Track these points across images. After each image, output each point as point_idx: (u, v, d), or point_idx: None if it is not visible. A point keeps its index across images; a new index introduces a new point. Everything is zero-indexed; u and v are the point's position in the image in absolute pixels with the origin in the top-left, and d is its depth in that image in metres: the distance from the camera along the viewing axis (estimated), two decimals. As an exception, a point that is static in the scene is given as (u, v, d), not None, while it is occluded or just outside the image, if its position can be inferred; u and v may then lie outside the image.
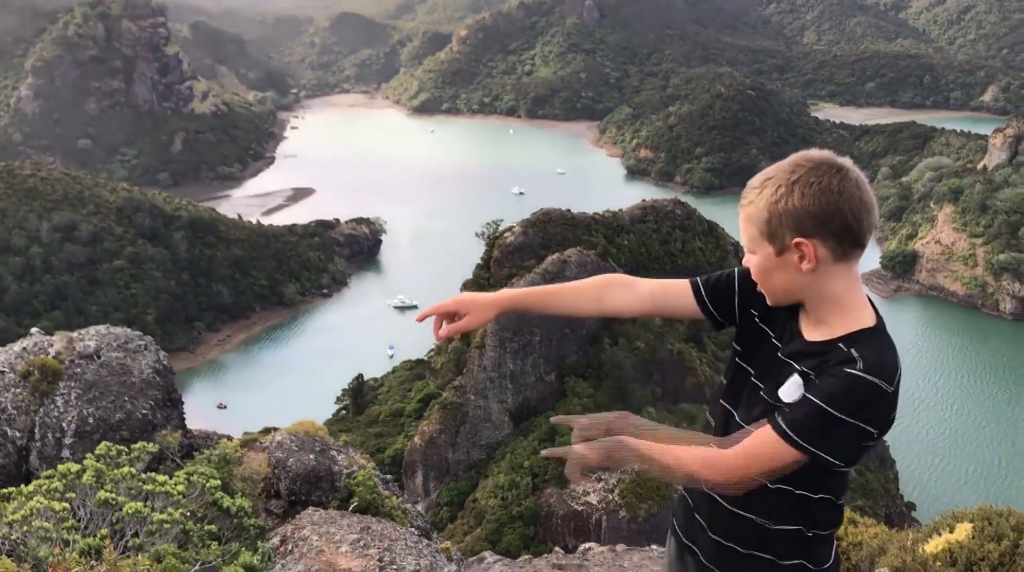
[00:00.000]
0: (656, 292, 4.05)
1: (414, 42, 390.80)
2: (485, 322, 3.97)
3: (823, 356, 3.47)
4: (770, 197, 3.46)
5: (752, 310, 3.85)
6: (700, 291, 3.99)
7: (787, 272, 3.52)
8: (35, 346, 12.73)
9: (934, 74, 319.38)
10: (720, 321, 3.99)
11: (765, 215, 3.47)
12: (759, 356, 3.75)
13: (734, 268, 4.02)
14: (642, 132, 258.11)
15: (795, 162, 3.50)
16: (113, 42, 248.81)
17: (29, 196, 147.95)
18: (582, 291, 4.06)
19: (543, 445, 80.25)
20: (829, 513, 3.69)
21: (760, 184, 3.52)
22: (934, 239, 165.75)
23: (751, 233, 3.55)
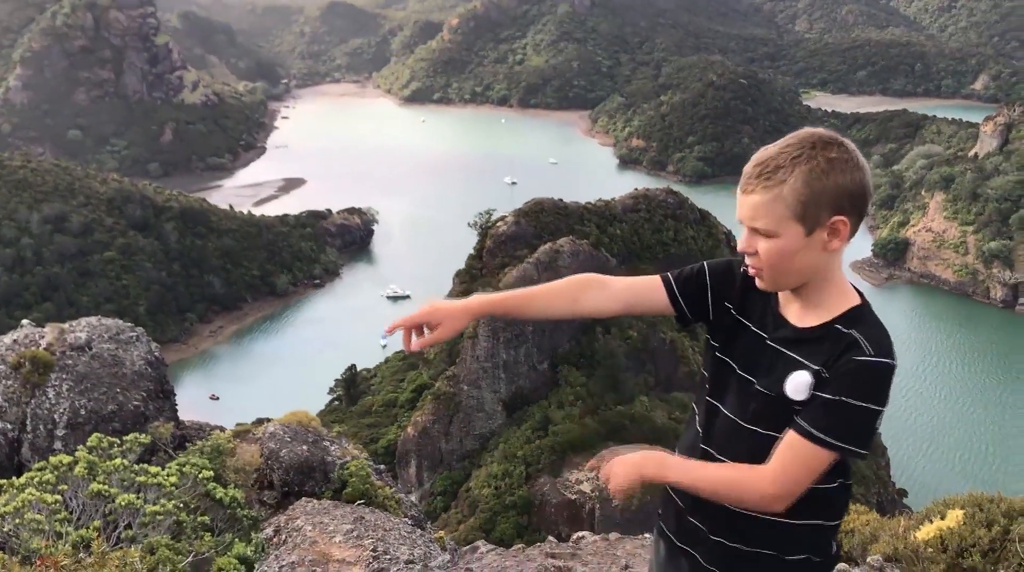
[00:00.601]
0: (628, 290, 3.98)
1: (405, 31, 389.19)
2: (458, 331, 3.80)
3: (822, 342, 3.48)
4: (807, 175, 3.36)
5: (726, 303, 3.81)
6: (672, 287, 3.92)
7: (810, 253, 3.45)
8: (26, 338, 12.68)
9: (925, 62, 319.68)
10: (688, 317, 3.92)
11: (804, 193, 3.35)
12: (742, 349, 3.70)
13: (703, 262, 3.95)
14: (634, 121, 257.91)
15: (817, 138, 3.43)
16: (102, 32, 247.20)
17: (19, 187, 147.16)
18: (556, 294, 3.95)
19: (536, 435, 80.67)
20: (845, 498, 3.72)
21: (787, 162, 3.38)
22: (925, 227, 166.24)
23: (778, 213, 3.39)
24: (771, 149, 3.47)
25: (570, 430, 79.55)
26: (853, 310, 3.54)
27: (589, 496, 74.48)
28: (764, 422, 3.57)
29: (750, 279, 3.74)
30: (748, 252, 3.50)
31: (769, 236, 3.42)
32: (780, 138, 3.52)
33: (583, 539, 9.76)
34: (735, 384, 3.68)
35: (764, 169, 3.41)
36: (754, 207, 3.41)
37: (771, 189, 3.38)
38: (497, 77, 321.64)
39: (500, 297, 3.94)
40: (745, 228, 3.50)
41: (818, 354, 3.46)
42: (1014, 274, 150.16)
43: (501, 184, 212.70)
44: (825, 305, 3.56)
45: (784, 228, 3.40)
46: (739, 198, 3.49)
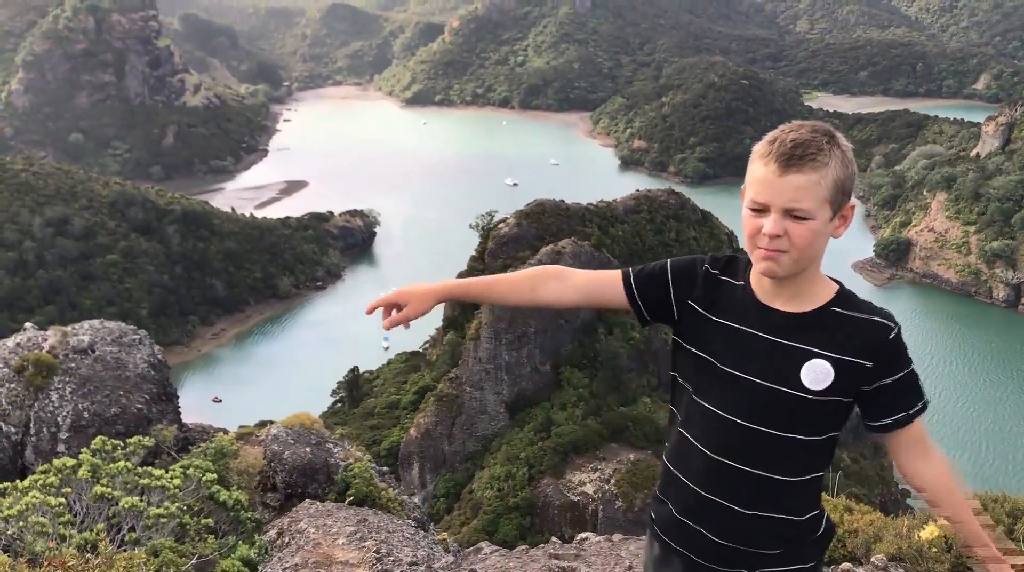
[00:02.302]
0: (588, 284, 4.04)
1: (406, 33, 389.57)
2: (425, 311, 4.05)
3: (825, 327, 3.55)
4: (841, 160, 3.47)
5: (690, 302, 3.82)
6: (630, 284, 3.95)
7: (825, 238, 3.54)
8: (29, 341, 12.70)
9: (927, 62, 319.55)
10: (647, 317, 3.94)
11: (840, 178, 3.47)
12: (725, 347, 3.68)
13: (667, 260, 3.96)
14: (635, 122, 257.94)
15: (825, 128, 3.53)
16: (104, 35, 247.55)
17: (21, 191, 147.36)
18: (517, 282, 4.12)
19: (539, 436, 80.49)
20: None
21: (825, 146, 3.45)
22: (927, 227, 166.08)
23: (819, 196, 3.43)
24: (801, 133, 3.49)
25: (573, 431, 79.52)
26: (841, 293, 3.66)
27: (592, 497, 74.45)
28: (769, 419, 3.57)
29: (712, 276, 3.80)
30: (778, 234, 3.46)
31: (805, 218, 3.44)
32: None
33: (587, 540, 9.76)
34: (725, 383, 3.66)
35: (807, 150, 3.43)
36: (799, 188, 3.41)
37: (817, 170, 3.42)
38: (498, 79, 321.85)
39: (463, 282, 4.17)
40: (775, 210, 3.45)
41: (827, 340, 3.53)
42: (1017, 274, 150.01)
43: (502, 185, 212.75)
44: (813, 291, 3.64)
45: (820, 211, 3.45)
46: (770, 179, 3.45)
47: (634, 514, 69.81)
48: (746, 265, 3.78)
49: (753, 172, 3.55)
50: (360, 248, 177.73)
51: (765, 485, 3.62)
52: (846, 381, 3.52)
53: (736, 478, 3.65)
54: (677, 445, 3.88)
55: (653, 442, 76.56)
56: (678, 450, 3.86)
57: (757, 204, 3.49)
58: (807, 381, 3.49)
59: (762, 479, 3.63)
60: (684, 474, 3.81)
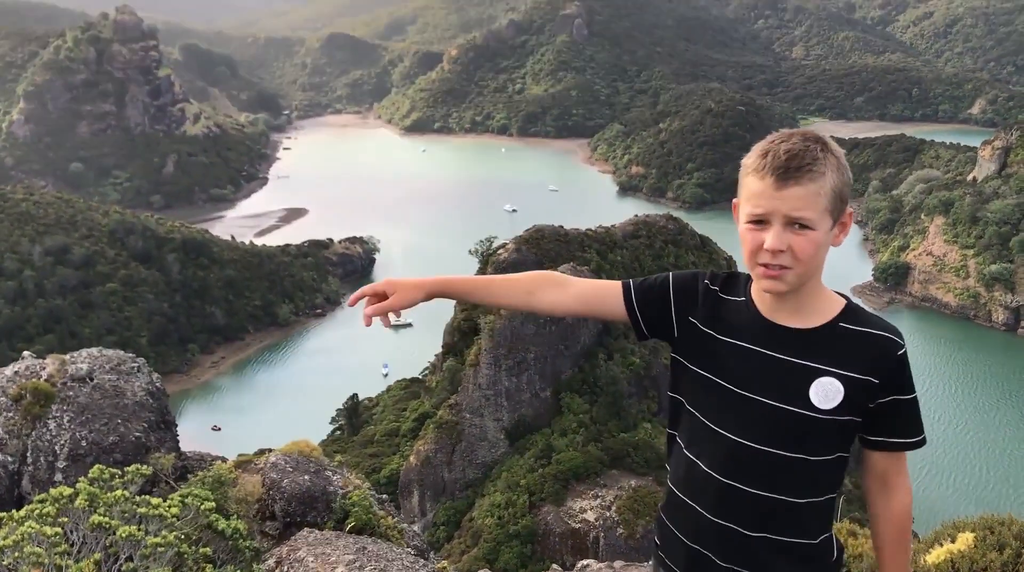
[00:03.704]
0: (587, 292, 3.95)
1: (405, 62, 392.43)
2: (412, 303, 3.92)
3: (833, 343, 3.47)
4: (836, 168, 3.41)
5: (691, 318, 3.73)
6: (630, 295, 3.86)
7: (826, 248, 3.48)
8: (27, 369, 12.65)
9: (922, 87, 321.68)
10: (645, 332, 3.85)
11: (837, 186, 3.40)
12: (732, 366, 3.58)
13: (669, 273, 3.88)
14: (633, 149, 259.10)
15: (815, 136, 3.48)
16: (104, 65, 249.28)
17: (21, 220, 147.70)
18: (514, 284, 4.00)
19: (540, 463, 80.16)
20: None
21: (820, 155, 3.39)
22: (926, 251, 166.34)
23: (820, 206, 3.37)
24: (793, 143, 3.43)
25: (573, 458, 79.14)
26: (848, 307, 3.58)
27: (593, 524, 73.95)
28: (779, 440, 3.48)
29: (713, 293, 3.71)
30: (781, 249, 3.38)
31: (807, 229, 3.37)
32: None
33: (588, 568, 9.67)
34: (732, 404, 3.57)
35: (803, 161, 3.37)
36: (800, 199, 3.35)
37: (815, 180, 3.36)
38: (497, 106, 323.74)
39: (457, 279, 4.06)
40: (776, 222, 3.37)
41: (836, 357, 3.44)
42: (1016, 297, 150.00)
43: (501, 212, 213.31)
44: (819, 306, 3.55)
45: (821, 221, 3.39)
46: (768, 192, 3.38)
47: (636, 541, 69.33)
48: (747, 281, 3.70)
49: (748, 186, 3.49)
50: (359, 275, 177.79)
51: (778, 508, 3.54)
52: (855, 399, 3.44)
53: (748, 502, 3.55)
54: (683, 469, 3.78)
55: (654, 468, 76.17)
56: (684, 474, 3.76)
57: (757, 216, 3.41)
58: (816, 400, 3.41)
59: (775, 502, 3.53)
60: (692, 499, 3.72)
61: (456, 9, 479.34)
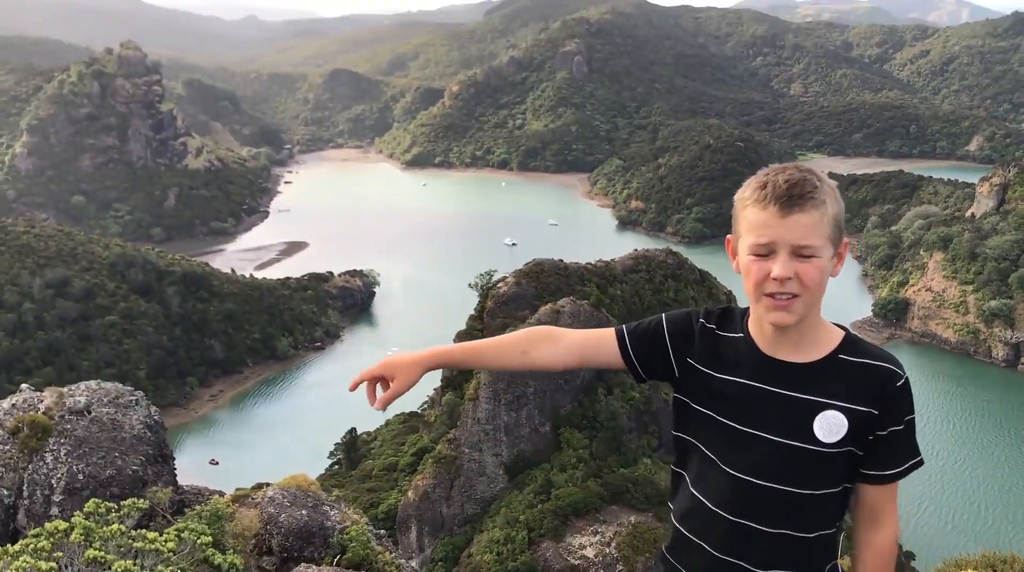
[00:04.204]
0: (581, 344, 3.94)
1: (407, 97, 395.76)
2: (414, 382, 3.92)
3: (834, 376, 3.47)
4: (833, 198, 3.45)
5: (689, 358, 3.72)
6: (624, 341, 3.84)
7: (827, 277, 3.48)
8: (25, 402, 12.63)
9: (920, 124, 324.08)
10: (643, 377, 3.84)
11: (836, 215, 3.44)
12: (733, 403, 3.58)
13: (662, 315, 3.85)
14: (633, 183, 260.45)
15: (806, 168, 3.52)
16: (108, 99, 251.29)
17: (22, 253, 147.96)
18: (507, 346, 3.99)
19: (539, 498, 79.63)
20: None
21: (819, 184, 3.44)
22: (925, 287, 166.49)
23: (823, 233, 3.39)
24: (791, 173, 3.46)
25: (572, 493, 78.58)
26: (848, 338, 3.59)
27: (593, 561, 73.26)
28: (786, 476, 3.47)
29: (709, 331, 3.71)
30: (788, 276, 3.39)
31: (812, 257, 3.39)
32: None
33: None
34: (738, 442, 3.56)
35: (804, 189, 3.39)
36: (804, 226, 3.36)
37: (817, 208, 3.38)
38: (497, 141, 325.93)
39: (451, 349, 4.03)
40: (783, 251, 3.37)
41: (838, 390, 3.44)
42: (1016, 333, 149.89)
43: (501, 245, 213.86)
44: (819, 338, 3.56)
45: (824, 249, 3.41)
46: (773, 221, 3.38)
47: (636, 578, 68.61)
48: (742, 315, 3.70)
49: (748, 218, 3.48)
50: (359, 308, 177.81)
51: (786, 543, 3.53)
52: (859, 430, 3.44)
53: (757, 539, 3.54)
54: (690, 508, 3.76)
55: (654, 504, 75.63)
56: (691, 513, 3.74)
57: (762, 247, 3.40)
58: (820, 434, 3.41)
59: (783, 537, 3.53)
60: (699, 537, 3.70)
61: (458, 46, 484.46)
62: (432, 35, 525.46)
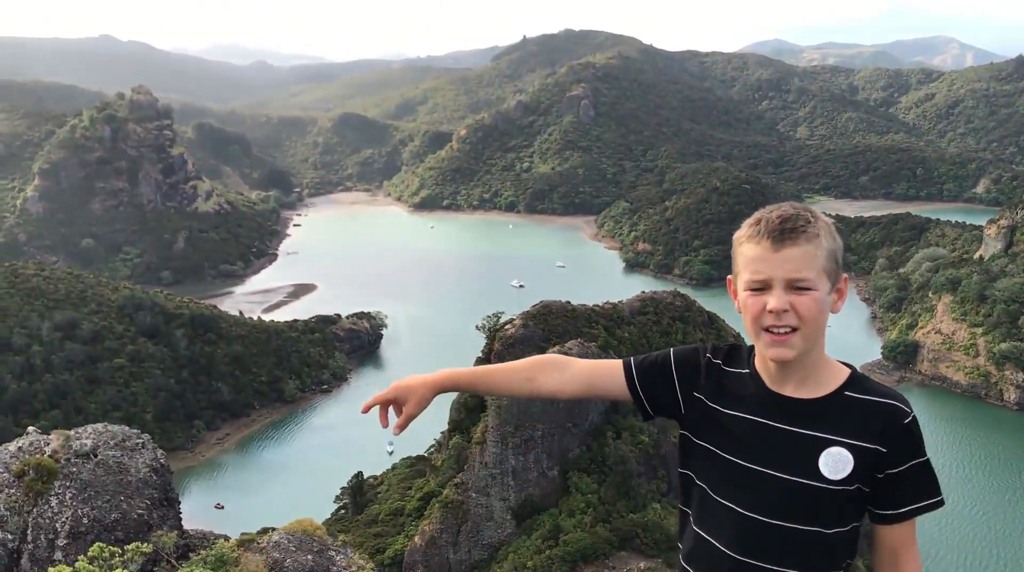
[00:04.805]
0: (588, 373, 3.96)
1: (415, 141, 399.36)
2: (426, 404, 4.03)
3: (840, 413, 3.45)
4: (828, 232, 3.48)
5: (696, 393, 3.72)
6: (631, 374, 3.86)
7: (827, 312, 3.50)
8: (31, 445, 12.59)
9: (926, 167, 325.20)
10: (650, 412, 3.84)
11: (831, 249, 3.46)
12: (740, 439, 3.56)
13: (670, 349, 3.88)
14: (640, 226, 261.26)
15: (801, 205, 3.57)
16: (119, 144, 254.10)
17: (31, 295, 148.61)
18: (515, 372, 4.05)
19: (547, 544, 78.74)
20: None
21: (812, 219, 3.47)
22: (934, 329, 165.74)
23: (818, 266, 3.42)
24: (784, 209, 3.51)
25: (581, 539, 77.71)
26: (854, 376, 3.57)
27: (602, 608, 72.18)
28: (791, 514, 3.44)
29: (716, 367, 3.72)
30: (784, 309, 3.40)
31: (808, 289, 3.41)
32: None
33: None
34: (742, 478, 3.53)
35: (796, 223, 3.43)
36: (797, 259, 3.39)
37: (810, 241, 3.41)
38: (504, 184, 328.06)
39: (461, 372, 4.16)
40: (777, 284, 3.40)
41: (844, 427, 3.42)
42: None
43: (509, 287, 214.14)
44: (824, 376, 3.55)
45: (820, 282, 3.43)
46: (766, 255, 3.42)
47: (645, 626, 67.56)
48: (749, 352, 3.71)
49: (744, 254, 3.51)
50: (367, 351, 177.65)
51: None
52: (864, 468, 3.42)
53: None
54: (695, 546, 3.72)
55: (664, 550, 74.69)
56: (697, 552, 3.70)
57: (757, 282, 3.44)
58: (826, 470, 3.39)
59: None
60: None
61: (466, 91, 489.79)
62: (441, 80, 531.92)
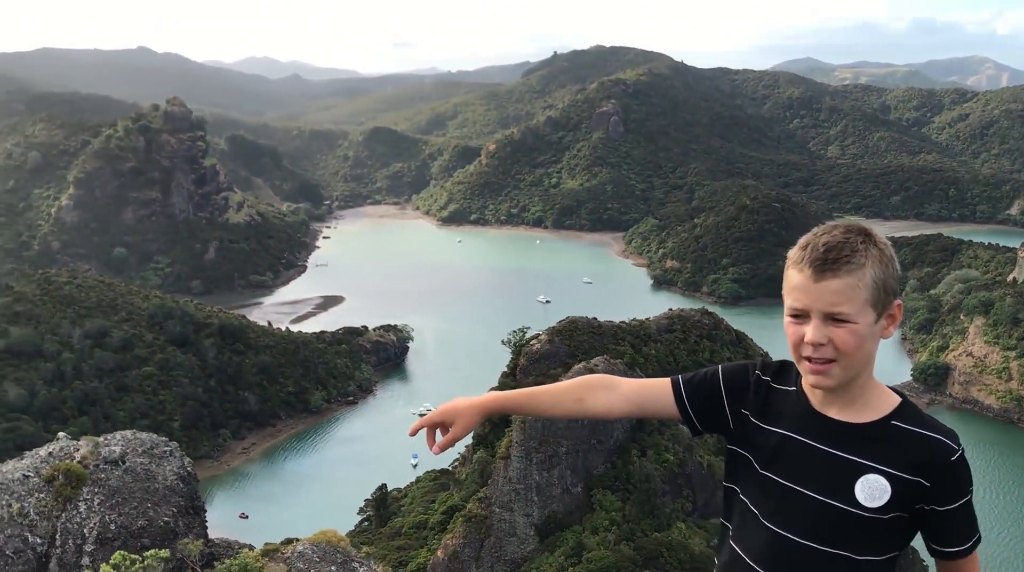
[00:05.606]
0: (638, 392, 3.95)
1: (444, 155, 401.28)
2: (472, 427, 3.97)
3: (885, 441, 3.41)
4: (878, 260, 3.39)
5: (744, 410, 3.71)
6: (680, 391, 3.84)
7: (874, 341, 3.45)
8: (61, 451, 12.73)
9: (959, 188, 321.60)
10: (698, 428, 3.83)
11: (880, 279, 3.38)
12: (782, 458, 3.54)
13: (718, 366, 3.85)
14: (668, 243, 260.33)
15: (859, 227, 3.51)
16: (153, 154, 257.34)
17: (63, 303, 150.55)
18: (563, 393, 4.01)
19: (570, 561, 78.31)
20: None
21: (860, 247, 3.39)
22: (966, 352, 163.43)
23: (860, 298, 3.35)
24: (833, 235, 3.45)
25: (604, 557, 77.14)
26: (904, 406, 3.53)
27: (624, 627, 71.55)
28: (822, 536, 3.39)
29: (764, 383, 3.69)
30: (820, 342, 3.36)
31: (847, 322, 3.35)
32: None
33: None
34: (778, 496, 3.52)
35: (840, 253, 3.36)
36: (836, 292, 3.33)
37: (853, 273, 3.35)
38: (532, 199, 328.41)
39: (508, 395, 4.08)
40: (815, 316, 3.36)
41: (885, 455, 3.37)
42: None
43: (535, 303, 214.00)
44: (872, 401, 3.52)
45: (862, 314, 3.37)
46: (806, 285, 3.38)
47: (668, 646, 66.87)
48: (798, 370, 3.68)
49: (789, 279, 3.49)
50: (393, 363, 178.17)
51: None
52: (904, 499, 3.35)
53: None
54: (729, 561, 3.72)
55: (688, 570, 74.00)
56: (730, 567, 3.70)
57: (796, 310, 3.41)
58: (862, 497, 3.34)
59: None
60: None
61: (496, 106, 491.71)
62: (471, 95, 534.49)
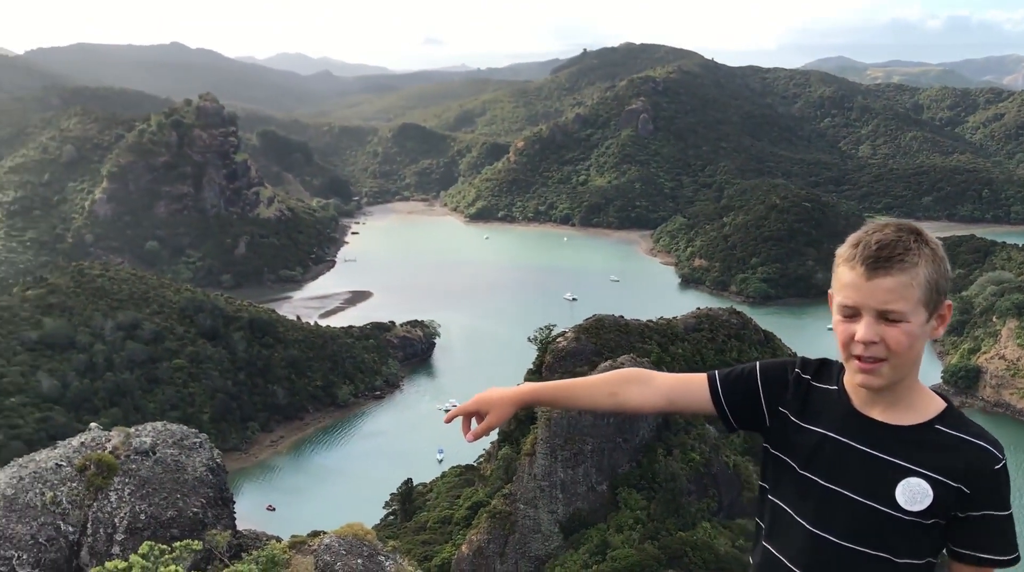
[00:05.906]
0: (672, 387, 3.94)
1: (473, 152, 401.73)
2: (508, 417, 4.00)
3: (928, 445, 3.37)
4: (931, 260, 3.37)
5: (782, 408, 3.66)
6: (716, 387, 3.82)
7: (923, 341, 3.43)
8: (93, 441, 12.92)
9: (993, 188, 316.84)
10: (734, 424, 3.80)
11: (933, 278, 3.36)
12: (821, 458, 3.50)
13: (756, 362, 3.82)
14: (696, 241, 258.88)
15: (910, 227, 3.48)
16: (185, 149, 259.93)
17: (96, 295, 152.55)
18: (597, 387, 4.02)
19: (594, 559, 78.21)
20: None
21: (913, 246, 3.37)
22: (998, 354, 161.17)
23: (913, 297, 3.32)
24: (886, 233, 3.44)
25: (628, 556, 76.97)
26: (949, 411, 3.49)
27: (648, 626, 71.38)
28: (861, 538, 3.37)
29: (804, 381, 3.66)
30: (873, 340, 3.34)
31: (899, 321, 3.33)
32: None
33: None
34: (816, 496, 3.48)
35: (894, 251, 3.35)
36: (890, 290, 3.31)
37: (906, 271, 3.33)
38: (560, 197, 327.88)
39: (543, 387, 4.12)
40: (867, 314, 3.34)
41: (928, 459, 3.33)
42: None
43: (562, 300, 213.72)
44: (916, 403, 3.47)
45: (915, 313, 3.34)
46: (859, 282, 3.36)
47: (692, 646, 66.62)
48: (839, 369, 3.64)
49: (840, 277, 3.46)
50: (419, 359, 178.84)
51: None
52: (946, 505, 3.33)
53: None
54: (763, 561, 3.71)
55: (713, 570, 73.67)
56: (765, 567, 3.68)
57: (848, 309, 3.38)
58: (902, 500, 3.31)
59: None
60: None
61: (524, 103, 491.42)
62: (500, 92, 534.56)
